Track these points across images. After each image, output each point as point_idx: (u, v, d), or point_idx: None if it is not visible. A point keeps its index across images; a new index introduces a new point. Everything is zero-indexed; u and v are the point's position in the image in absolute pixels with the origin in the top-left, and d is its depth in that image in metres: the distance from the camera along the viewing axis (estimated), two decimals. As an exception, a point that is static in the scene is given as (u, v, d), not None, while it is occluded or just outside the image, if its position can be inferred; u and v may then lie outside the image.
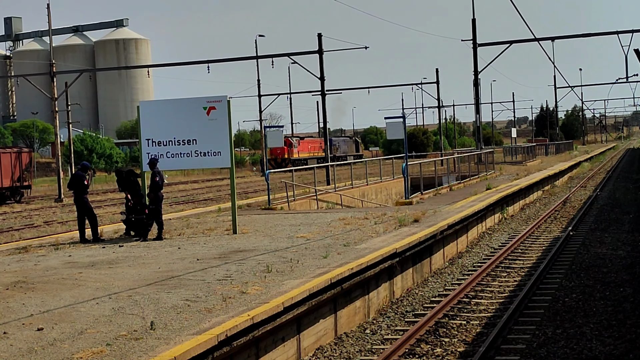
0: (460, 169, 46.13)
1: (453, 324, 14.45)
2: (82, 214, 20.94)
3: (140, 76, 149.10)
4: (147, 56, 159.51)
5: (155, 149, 21.22)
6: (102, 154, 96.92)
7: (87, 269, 15.54)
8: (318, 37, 51.50)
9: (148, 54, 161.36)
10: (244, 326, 10.57)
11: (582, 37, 52.72)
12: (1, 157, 52.35)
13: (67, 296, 12.71)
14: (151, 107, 22.17)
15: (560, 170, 54.02)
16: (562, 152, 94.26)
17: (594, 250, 22.73)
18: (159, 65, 64.57)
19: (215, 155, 20.99)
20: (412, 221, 21.95)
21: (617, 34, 48.24)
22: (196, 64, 57.95)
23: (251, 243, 18.81)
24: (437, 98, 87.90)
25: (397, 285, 17.30)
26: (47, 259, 17.40)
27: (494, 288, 17.82)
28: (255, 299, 12.02)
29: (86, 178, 21.25)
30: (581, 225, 28.69)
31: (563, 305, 15.76)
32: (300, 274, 14.08)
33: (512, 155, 75.06)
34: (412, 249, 18.05)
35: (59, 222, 36.48)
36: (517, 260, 21.59)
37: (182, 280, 13.82)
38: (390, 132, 33.04)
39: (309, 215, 25.88)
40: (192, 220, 25.39)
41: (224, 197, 47.80)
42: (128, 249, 18.75)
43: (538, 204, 38.30)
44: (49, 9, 57.46)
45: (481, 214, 26.80)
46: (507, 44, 53.14)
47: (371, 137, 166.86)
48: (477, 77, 54.96)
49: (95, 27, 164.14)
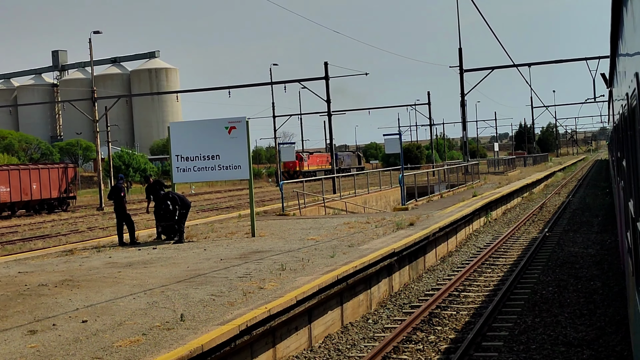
0: (450, 178, 46.04)
1: (445, 314, 14.41)
2: (121, 220, 20.96)
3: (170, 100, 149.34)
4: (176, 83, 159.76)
5: (183, 163, 21.28)
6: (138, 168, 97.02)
7: (125, 269, 15.56)
8: (324, 65, 51.54)
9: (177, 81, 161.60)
10: (262, 317, 10.56)
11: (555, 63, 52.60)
12: (50, 172, 52.60)
13: (107, 292, 12.72)
14: (180, 128, 22.25)
15: (537, 179, 53.87)
16: (539, 163, 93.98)
17: (567, 249, 22.64)
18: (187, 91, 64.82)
19: (236, 168, 21.02)
20: (408, 225, 21.91)
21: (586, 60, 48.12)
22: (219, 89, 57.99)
23: (267, 245, 18.80)
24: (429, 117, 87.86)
25: (395, 280, 17.27)
26: (90, 260, 17.43)
27: (480, 282, 17.77)
28: (272, 293, 12.01)
29: (124, 189, 21.29)
30: (556, 227, 28.59)
31: (541, 297, 15.70)
32: (310, 271, 14.07)
33: (495, 167, 74.91)
34: (408, 249, 18.03)
35: (101, 228, 36.53)
36: (500, 258, 21.53)
37: (207, 278, 13.82)
38: (388, 147, 33.06)
39: (318, 220, 25.86)
40: (216, 225, 25.40)
41: (243, 205, 47.79)
42: (160, 250, 18.77)
43: (518, 209, 38.20)
44: (90, 42, 57.67)
45: (468, 218, 26.74)
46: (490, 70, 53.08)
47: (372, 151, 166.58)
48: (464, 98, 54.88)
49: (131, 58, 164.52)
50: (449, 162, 77.36)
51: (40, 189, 51.49)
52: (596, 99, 62.27)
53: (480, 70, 54.09)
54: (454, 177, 46.95)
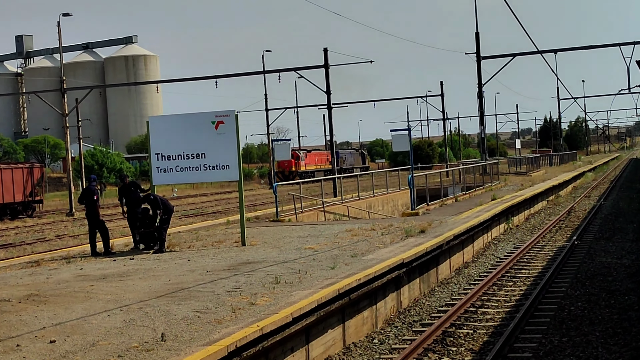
0: (466, 180, 46.04)
1: (460, 333, 14.40)
2: (94, 227, 20.95)
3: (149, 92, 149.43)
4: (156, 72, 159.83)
5: (164, 163, 21.26)
6: (113, 169, 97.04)
7: (99, 282, 15.54)
8: (324, 51, 51.57)
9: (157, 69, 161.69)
10: (254, 337, 10.55)
11: (585, 49, 52.62)
12: (13, 172, 52.52)
13: (78, 309, 12.70)
14: (160, 122, 22.23)
15: (564, 181, 53.89)
16: (566, 162, 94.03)
17: (598, 259, 22.65)
18: (168, 81, 64.75)
19: (224, 168, 21.00)
20: (418, 232, 21.91)
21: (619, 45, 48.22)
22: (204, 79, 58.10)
23: (260, 255, 18.79)
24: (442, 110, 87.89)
25: (404, 295, 17.26)
26: (59, 272, 17.41)
27: (500, 297, 17.77)
28: (264, 310, 12.01)
29: (96, 192, 21.27)
30: (586, 235, 28.60)
31: (569, 313, 15.70)
32: (308, 284, 14.06)
33: (517, 166, 74.95)
34: (419, 259, 18.02)
35: (71, 235, 36.52)
36: (522, 269, 21.53)
37: (192, 292, 13.81)
38: (396, 145, 33.05)
39: (317, 226, 25.86)
40: (201, 232, 25.39)
41: (232, 210, 47.80)
42: (138, 261, 18.75)
43: (543, 214, 38.21)
44: (59, 26, 57.72)
45: (487, 224, 26.74)
46: (511, 57, 53.14)
47: (377, 149, 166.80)
48: (481, 89, 54.94)
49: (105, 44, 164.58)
50: (465, 161, 77.42)
51: (2, 192, 51.42)
52: (631, 90, 62.27)
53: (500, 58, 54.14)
54: (470, 178, 46.94)
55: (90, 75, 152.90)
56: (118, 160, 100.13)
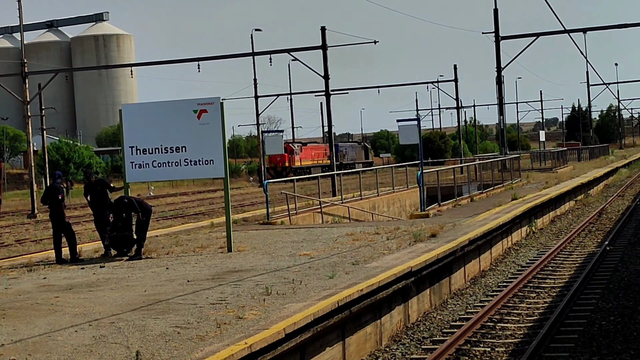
0: (483, 177, 46.07)
1: (476, 352, 14.42)
2: (59, 231, 20.92)
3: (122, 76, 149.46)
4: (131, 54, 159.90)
5: (139, 157, 21.24)
6: (81, 164, 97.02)
7: (65, 293, 15.53)
8: (321, 30, 51.60)
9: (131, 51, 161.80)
10: (241, 355, 10.55)
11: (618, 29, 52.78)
12: (-33, 168, 52.49)
13: (42, 323, 12.69)
14: (135, 111, 22.20)
15: (594, 178, 53.95)
16: (597, 157, 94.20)
17: (634, 267, 22.68)
18: (144, 64, 64.83)
19: (207, 164, 20.99)
20: (428, 236, 21.93)
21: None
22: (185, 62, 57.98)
23: (248, 262, 18.79)
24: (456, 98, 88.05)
25: (412, 308, 17.28)
26: (20, 282, 17.39)
27: (522, 310, 17.79)
28: (254, 324, 12.01)
29: (62, 191, 21.24)
30: (619, 239, 28.64)
31: (599, 329, 15.72)
32: (303, 296, 14.07)
33: (541, 161, 75.06)
34: (429, 267, 18.03)
35: (33, 240, 36.49)
36: (547, 279, 21.55)
37: (170, 305, 13.81)
38: (404, 137, 33.06)
39: (313, 230, 25.87)
40: (181, 237, 25.39)
41: (217, 211, 47.80)
42: (110, 269, 18.74)
43: (570, 216, 38.25)
44: (19, 2, 57.63)
45: (507, 227, 26.76)
46: (534, 37, 53.21)
47: (382, 142, 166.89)
48: (500, 73, 55.01)
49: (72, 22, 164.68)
50: (482, 156, 77.52)
51: (-45, 190, 51.47)
52: (671, 75, 62.32)
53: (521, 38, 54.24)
54: (487, 175, 46.98)
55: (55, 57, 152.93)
56: (87, 154, 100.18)
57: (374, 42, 58.94)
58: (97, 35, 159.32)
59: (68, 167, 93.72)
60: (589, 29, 53.34)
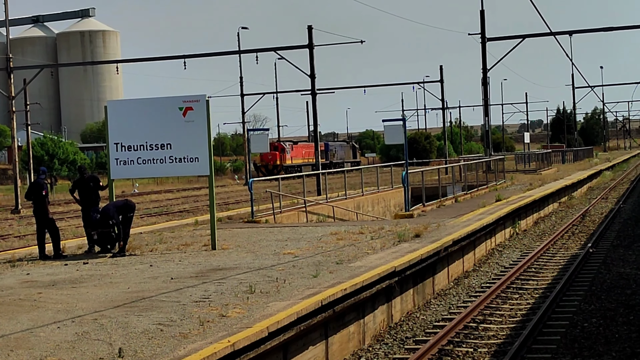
0: (467, 178, 46.20)
1: (459, 352, 14.45)
2: (42, 226, 20.86)
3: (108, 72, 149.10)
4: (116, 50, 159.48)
5: (124, 154, 21.21)
6: (65, 160, 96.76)
7: (48, 289, 15.49)
8: (308, 29, 51.57)
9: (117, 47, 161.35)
10: (224, 353, 10.55)
11: (604, 32, 52.98)
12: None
13: (24, 319, 12.66)
14: (120, 108, 22.15)
15: (578, 180, 54.14)
16: (581, 159, 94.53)
17: (616, 269, 22.77)
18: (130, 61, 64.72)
19: (192, 161, 20.98)
20: (413, 236, 21.97)
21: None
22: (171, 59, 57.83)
23: (232, 260, 18.79)
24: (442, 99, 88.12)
25: (395, 308, 17.30)
26: (2, 278, 17.33)
27: (505, 311, 17.83)
28: (237, 323, 12.01)
29: (46, 187, 21.18)
30: (602, 242, 28.74)
31: (582, 331, 15.78)
32: (287, 295, 14.07)
33: (525, 163, 75.25)
34: (413, 267, 18.06)
35: (16, 235, 36.37)
36: (530, 280, 21.61)
37: (154, 302, 13.79)
38: (389, 137, 33.08)
39: (297, 229, 25.88)
40: (165, 234, 25.35)
41: (201, 209, 47.73)
42: (94, 266, 18.71)
43: (554, 218, 38.37)
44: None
45: (490, 228, 26.83)
46: (520, 39, 53.35)
47: (367, 141, 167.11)
48: (486, 75, 55.14)
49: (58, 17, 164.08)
50: (467, 157, 77.65)
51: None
52: (655, 78, 62.67)
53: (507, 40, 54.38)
54: (472, 175, 47.11)
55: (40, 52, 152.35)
56: (71, 150, 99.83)
57: (360, 41, 58.94)
58: (83, 31, 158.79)
59: (52, 163, 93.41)
60: (575, 31, 53.56)
